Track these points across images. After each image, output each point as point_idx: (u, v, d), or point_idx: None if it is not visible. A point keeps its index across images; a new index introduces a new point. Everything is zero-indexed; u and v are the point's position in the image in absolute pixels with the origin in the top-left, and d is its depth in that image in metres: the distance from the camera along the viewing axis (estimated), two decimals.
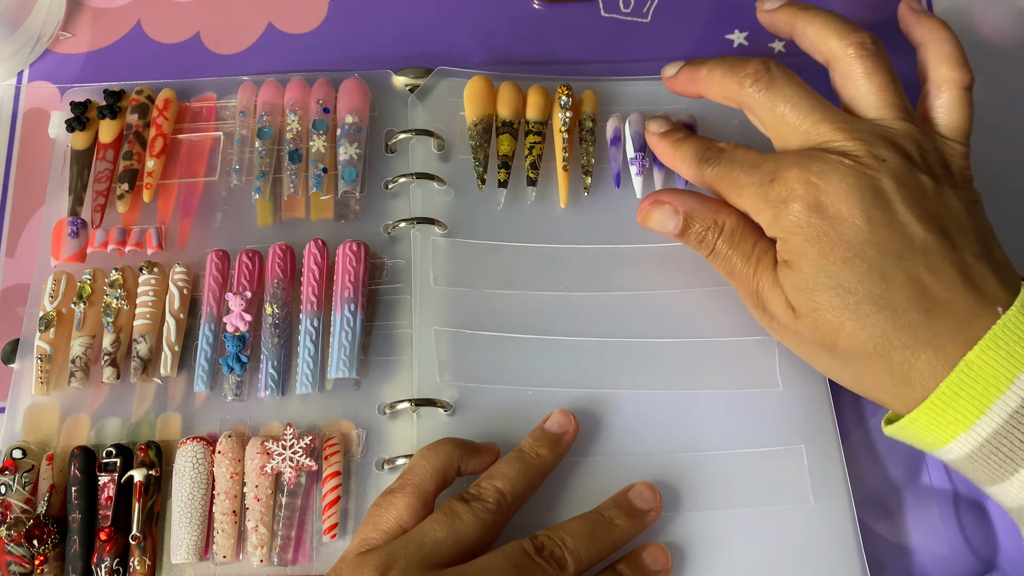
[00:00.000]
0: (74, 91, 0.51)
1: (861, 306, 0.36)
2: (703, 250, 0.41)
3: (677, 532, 0.41)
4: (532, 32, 0.53)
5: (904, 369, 0.35)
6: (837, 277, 0.36)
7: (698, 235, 0.41)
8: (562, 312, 0.45)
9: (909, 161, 0.37)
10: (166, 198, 0.48)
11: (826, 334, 0.37)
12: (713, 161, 0.40)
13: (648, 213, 0.42)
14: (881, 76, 0.39)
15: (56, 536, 0.41)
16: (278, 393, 0.44)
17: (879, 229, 0.36)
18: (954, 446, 0.35)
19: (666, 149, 0.43)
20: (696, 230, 0.41)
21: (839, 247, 0.36)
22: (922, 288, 0.35)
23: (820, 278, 0.36)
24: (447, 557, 0.36)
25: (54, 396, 0.45)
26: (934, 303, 0.35)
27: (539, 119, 0.47)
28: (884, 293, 0.35)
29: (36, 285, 0.47)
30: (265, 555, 0.41)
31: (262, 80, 0.50)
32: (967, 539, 0.42)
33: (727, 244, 0.40)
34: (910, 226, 0.36)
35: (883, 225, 0.36)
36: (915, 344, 0.35)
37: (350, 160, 0.47)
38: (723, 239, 0.40)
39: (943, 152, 0.39)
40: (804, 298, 0.37)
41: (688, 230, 0.41)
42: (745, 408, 0.43)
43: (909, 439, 0.38)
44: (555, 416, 0.41)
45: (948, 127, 0.39)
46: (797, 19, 0.41)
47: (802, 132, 0.39)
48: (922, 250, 0.36)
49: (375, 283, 0.46)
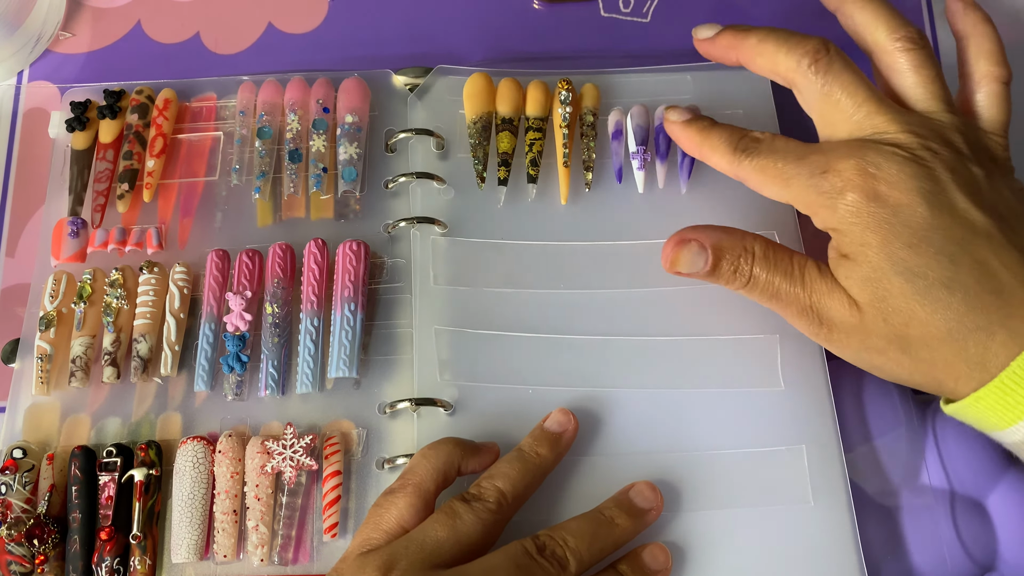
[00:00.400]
0: (74, 91, 0.51)
1: (932, 290, 0.35)
2: (738, 282, 0.39)
3: (677, 531, 0.40)
4: (532, 32, 0.53)
5: (979, 352, 0.35)
6: (905, 263, 0.35)
7: (731, 267, 0.39)
8: (562, 310, 0.45)
9: (959, 153, 0.37)
10: (166, 198, 0.48)
11: (897, 324, 0.36)
12: (752, 151, 0.39)
13: (676, 256, 0.40)
14: (929, 69, 0.39)
15: (56, 536, 0.41)
16: (278, 393, 0.44)
17: (940, 215, 0.35)
18: (1019, 428, 0.35)
19: (692, 137, 0.41)
20: (728, 262, 0.39)
21: (903, 233, 0.35)
22: (990, 271, 0.35)
23: (886, 265, 0.35)
24: (448, 557, 0.36)
25: (54, 396, 0.45)
26: (1002, 285, 0.35)
27: (539, 115, 0.47)
28: (954, 276, 0.35)
29: (36, 285, 0.47)
30: (265, 554, 0.41)
31: (262, 80, 0.50)
32: (965, 541, 0.42)
33: (764, 268, 0.39)
34: (969, 212, 0.36)
35: (944, 212, 0.35)
36: (989, 326, 0.34)
37: (350, 160, 0.47)
38: (758, 264, 0.39)
39: (987, 144, 0.39)
40: (871, 289, 0.36)
41: (719, 265, 0.39)
42: (746, 408, 0.43)
43: (971, 419, 0.37)
44: (555, 415, 0.41)
45: (988, 120, 0.40)
46: (844, 2, 0.41)
47: (854, 121, 0.38)
48: (985, 235, 0.35)
49: (375, 282, 0.46)
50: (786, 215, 0.46)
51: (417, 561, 0.35)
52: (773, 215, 0.46)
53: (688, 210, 0.46)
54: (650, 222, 0.46)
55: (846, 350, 0.38)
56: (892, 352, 0.37)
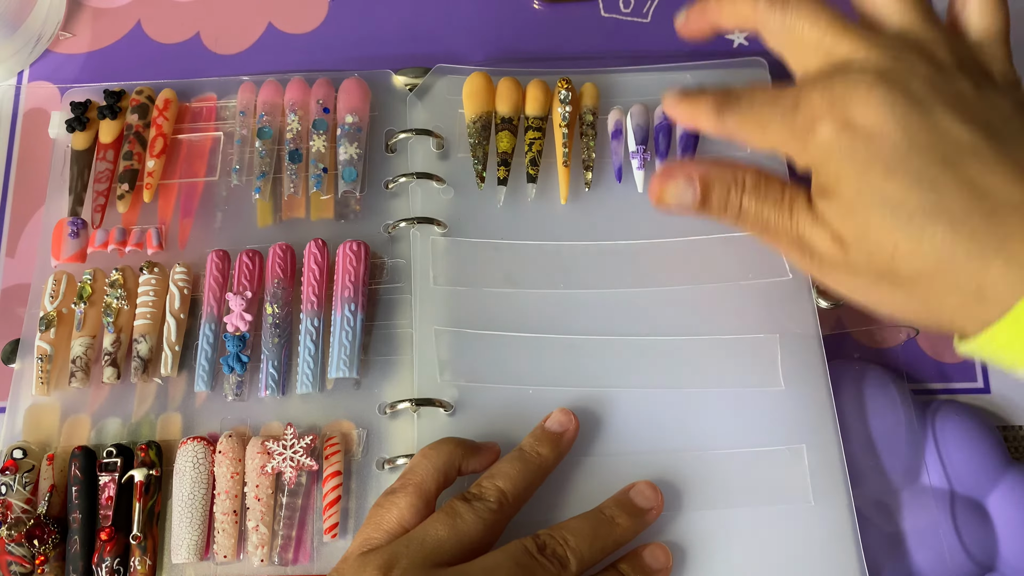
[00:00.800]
0: (74, 91, 0.51)
1: (913, 219, 0.32)
2: (729, 215, 0.38)
3: (677, 531, 0.40)
4: (532, 32, 0.53)
5: (975, 283, 0.32)
6: (882, 193, 0.33)
7: (720, 199, 0.37)
8: (563, 310, 0.44)
9: (940, 67, 0.34)
10: (166, 198, 0.48)
11: (881, 260, 0.34)
12: (732, 106, 0.37)
13: (662, 190, 0.38)
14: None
15: (57, 536, 0.41)
16: (278, 393, 0.44)
17: (918, 135, 0.33)
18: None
19: (684, 110, 0.39)
20: (718, 194, 0.37)
21: (878, 161, 0.33)
22: (979, 191, 0.32)
23: (863, 198, 0.33)
24: (449, 556, 0.36)
25: (55, 396, 0.45)
26: (996, 205, 0.31)
27: (539, 115, 0.47)
28: (937, 201, 0.32)
29: (36, 285, 0.47)
30: (266, 555, 0.41)
31: (262, 80, 0.50)
32: (965, 541, 0.42)
33: (754, 198, 0.37)
34: (952, 129, 0.33)
35: (922, 130, 0.33)
36: (983, 253, 0.31)
37: (350, 160, 0.47)
38: (747, 195, 0.37)
39: (978, 57, 0.36)
40: (850, 224, 0.34)
41: (708, 197, 0.37)
42: (746, 407, 0.43)
43: (988, 358, 0.35)
44: (556, 415, 0.41)
45: (979, 31, 0.36)
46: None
47: (823, 51, 0.36)
48: (971, 151, 0.32)
49: (375, 283, 0.46)
50: None
51: (418, 560, 0.35)
52: None
53: None
54: (650, 222, 0.46)
55: (839, 287, 0.37)
56: (884, 288, 0.35)
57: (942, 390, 0.46)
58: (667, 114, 0.42)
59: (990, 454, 0.43)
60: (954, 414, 0.44)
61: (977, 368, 0.47)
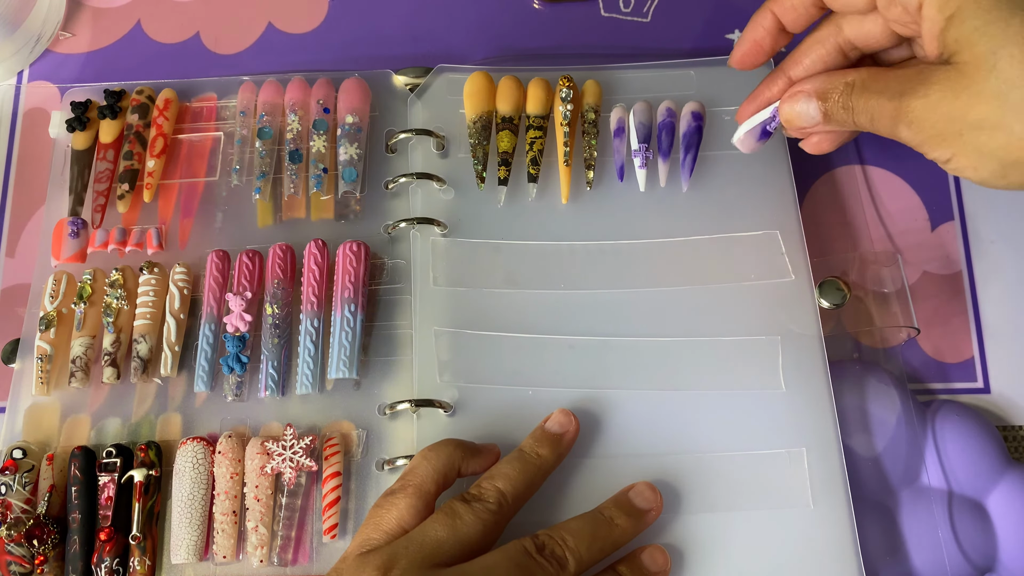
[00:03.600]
0: (74, 91, 0.51)
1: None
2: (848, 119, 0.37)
3: (676, 533, 0.40)
4: (532, 32, 0.53)
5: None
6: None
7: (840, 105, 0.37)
8: (563, 311, 0.44)
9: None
10: (166, 198, 0.48)
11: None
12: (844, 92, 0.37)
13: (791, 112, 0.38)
14: None
15: (56, 536, 0.41)
16: (278, 393, 0.44)
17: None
18: None
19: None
20: (835, 101, 0.37)
21: None
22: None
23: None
24: (448, 557, 0.36)
25: (54, 396, 0.45)
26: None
27: (540, 113, 0.47)
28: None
29: (36, 285, 0.47)
30: (265, 555, 0.41)
31: (262, 80, 0.50)
32: (963, 543, 0.42)
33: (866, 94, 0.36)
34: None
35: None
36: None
37: (350, 160, 0.47)
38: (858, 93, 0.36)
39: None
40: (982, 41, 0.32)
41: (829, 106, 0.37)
42: (747, 410, 0.43)
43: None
44: (556, 416, 0.41)
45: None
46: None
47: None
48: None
49: (375, 283, 0.46)
50: (788, 215, 0.46)
51: (417, 560, 0.35)
52: (775, 214, 0.46)
53: (690, 208, 0.46)
54: (652, 221, 0.46)
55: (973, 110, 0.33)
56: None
57: (942, 390, 0.46)
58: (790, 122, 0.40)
59: (990, 454, 0.43)
60: (954, 414, 0.44)
61: (977, 368, 0.47)
